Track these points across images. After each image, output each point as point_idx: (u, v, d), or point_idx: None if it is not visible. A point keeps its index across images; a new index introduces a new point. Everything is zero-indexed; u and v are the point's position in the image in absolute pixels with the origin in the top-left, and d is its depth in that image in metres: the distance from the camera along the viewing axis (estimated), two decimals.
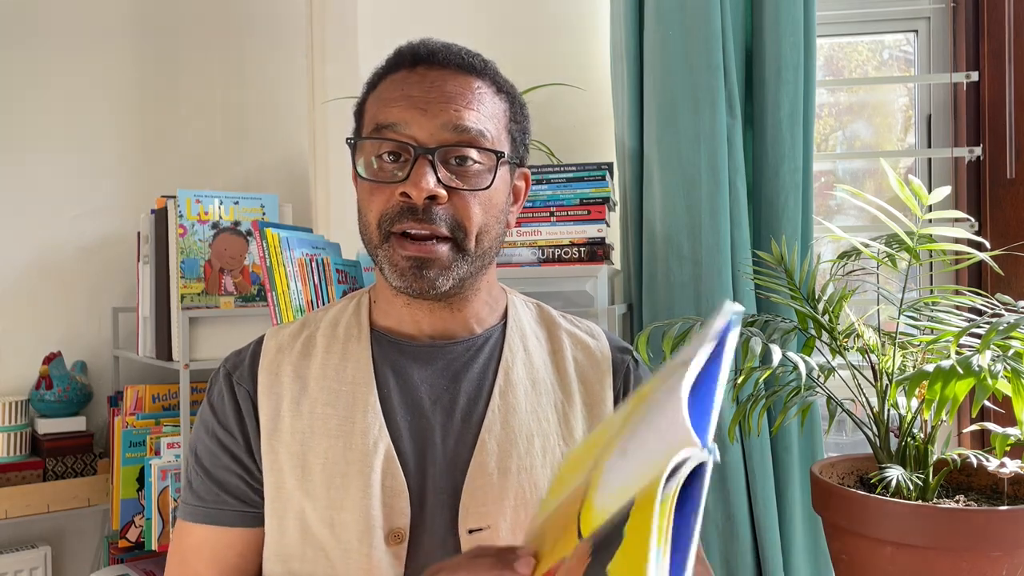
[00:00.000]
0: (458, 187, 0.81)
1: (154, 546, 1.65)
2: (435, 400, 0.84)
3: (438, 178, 0.80)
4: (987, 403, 0.85)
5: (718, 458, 0.52)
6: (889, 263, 1.03)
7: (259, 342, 0.90)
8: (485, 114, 0.83)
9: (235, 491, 0.84)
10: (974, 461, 0.95)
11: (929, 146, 1.61)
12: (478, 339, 0.88)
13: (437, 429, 0.83)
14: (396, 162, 0.82)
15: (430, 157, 0.80)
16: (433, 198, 0.80)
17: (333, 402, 0.83)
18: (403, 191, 0.80)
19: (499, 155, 0.83)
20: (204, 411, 0.88)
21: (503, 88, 0.88)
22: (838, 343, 1.05)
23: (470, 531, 0.80)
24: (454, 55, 0.85)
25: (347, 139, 0.86)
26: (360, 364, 0.85)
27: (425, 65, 0.84)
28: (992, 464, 0.93)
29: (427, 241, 0.81)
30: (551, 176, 1.46)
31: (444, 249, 0.81)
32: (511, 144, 0.87)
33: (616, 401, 0.90)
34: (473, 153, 0.82)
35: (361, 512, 0.79)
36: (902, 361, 1.00)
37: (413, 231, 0.80)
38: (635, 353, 0.96)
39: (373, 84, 0.88)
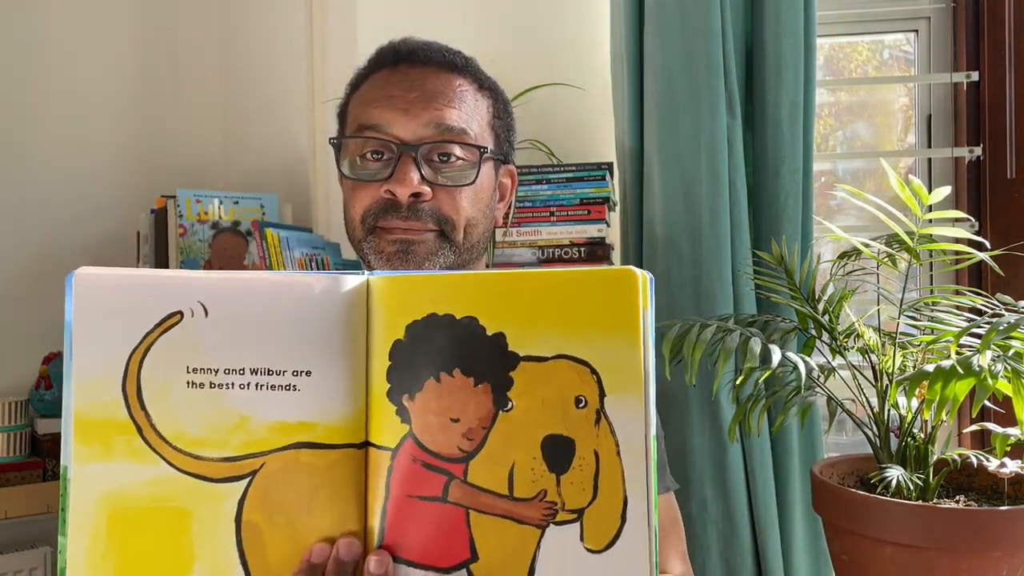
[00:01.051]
0: (442, 183, 0.81)
1: None
2: None
3: (422, 175, 0.80)
4: (987, 403, 0.85)
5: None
6: (889, 263, 1.03)
7: None
8: (467, 111, 0.84)
9: None
10: (974, 461, 0.95)
11: (929, 146, 1.61)
12: None
13: None
14: (379, 160, 0.82)
15: (413, 155, 0.80)
16: (417, 195, 0.80)
17: None
18: (388, 189, 0.80)
19: (482, 150, 0.83)
20: None
21: (485, 85, 0.88)
22: (838, 343, 1.05)
23: None
24: (435, 52, 0.85)
25: (330, 139, 0.87)
26: None
27: (406, 64, 0.84)
28: (992, 464, 0.93)
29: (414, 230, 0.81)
30: (551, 176, 1.45)
31: (430, 236, 0.81)
32: (495, 140, 0.87)
33: None
34: (456, 149, 0.82)
35: None
36: (902, 361, 1.00)
37: (399, 228, 0.81)
38: None
39: (355, 85, 0.89)
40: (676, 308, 1.40)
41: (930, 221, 0.98)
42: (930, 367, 0.87)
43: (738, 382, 1.02)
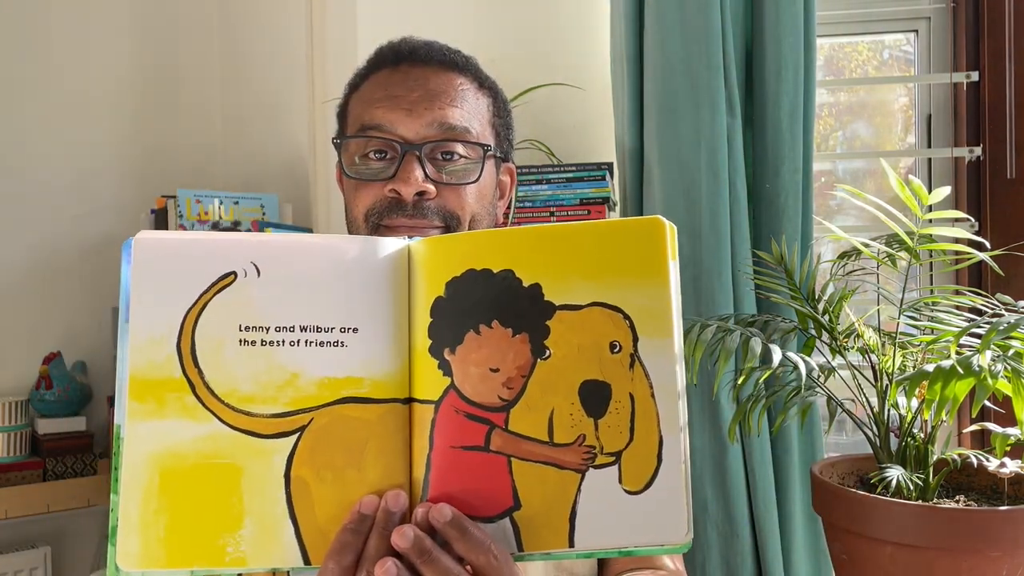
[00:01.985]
0: (446, 181, 0.82)
1: None
2: None
3: (426, 174, 0.80)
4: (987, 403, 0.85)
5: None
6: (889, 263, 1.03)
7: None
8: (469, 110, 0.84)
9: None
10: (974, 461, 0.95)
11: (929, 146, 1.61)
12: None
13: None
14: (383, 159, 0.82)
15: (417, 153, 0.80)
16: (422, 194, 0.80)
17: None
18: (392, 188, 0.80)
19: (486, 148, 0.83)
20: None
21: (485, 84, 0.88)
22: (838, 343, 1.05)
23: None
24: (436, 52, 0.85)
25: (333, 139, 0.87)
26: None
27: (407, 63, 0.84)
28: (992, 464, 0.93)
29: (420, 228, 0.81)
30: (551, 176, 1.45)
31: (436, 233, 0.81)
32: (495, 139, 0.88)
33: None
34: (459, 148, 0.82)
35: None
36: (902, 361, 1.00)
37: (405, 225, 0.81)
38: None
39: (355, 85, 0.89)
40: None
41: (930, 221, 0.98)
42: (930, 367, 0.87)
43: (739, 382, 1.02)
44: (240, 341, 0.54)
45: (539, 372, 0.55)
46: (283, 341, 0.54)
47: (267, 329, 0.54)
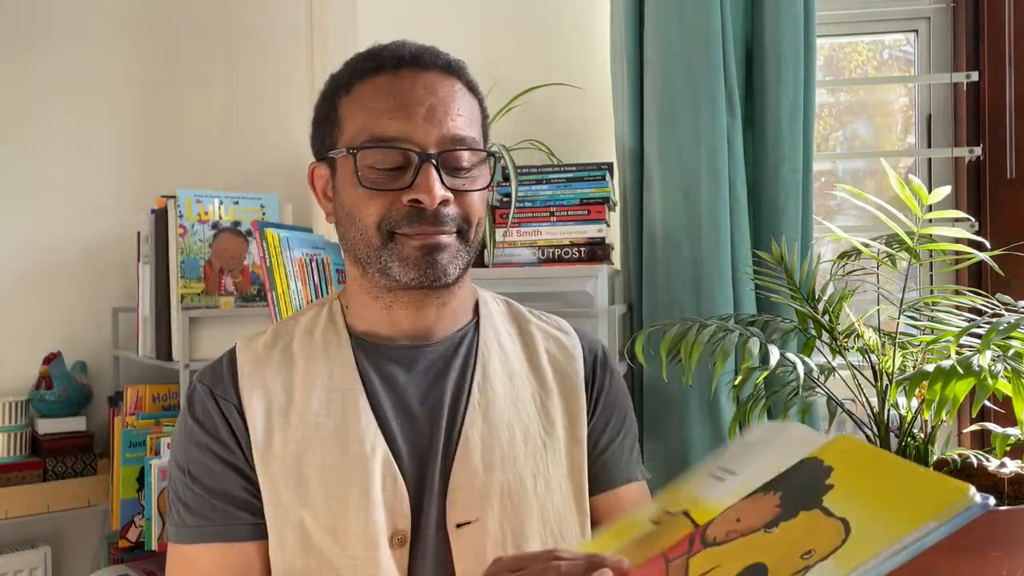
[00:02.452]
0: (462, 188, 0.82)
1: (154, 546, 1.65)
2: (422, 401, 0.84)
3: (443, 182, 0.80)
4: (987, 403, 0.85)
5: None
6: (889, 263, 1.03)
7: (232, 355, 0.88)
8: (469, 117, 0.85)
9: (243, 504, 0.82)
10: (974, 461, 0.95)
11: (929, 146, 1.61)
12: (455, 337, 0.88)
13: (426, 430, 0.83)
14: (396, 168, 0.81)
15: (435, 163, 0.80)
16: (443, 202, 0.80)
17: (323, 410, 0.82)
18: (413, 197, 0.79)
19: (491, 154, 0.85)
20: (190, 429, 0.84)
21: (474, 87, 0.89)
22: (838, 343, 1.05)
23: (458, 525, 0.80)
24: (434, 57, 0.85)
25: (349, 149, 0.81)
26: (345, 370, 0.85)
27: (408, 68, 0.83)
28: (992, 464, 0.93)
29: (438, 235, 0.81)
30: (551, 176, 1.45)
31: (452, 239, 0.82)
32: (484, 141, 0.88)
33: (589, 389, 0.91)
34: (467, 155, 0.83)
35: (365, 517, 0.78)
36: (902, 361, 1.00)
37: (426, 232, 0.81)
38: (603, 344, 0.97)
39: (346, 87, 0.85)
40: (676, 308, 1.40)
41: (930, 221, 0.98)
42: (930, 367, 0.87)
43: (736, 382, 1.02)
44: (709, 473, 0.69)
45: (751, 538, 0.56)
46: (718, 476, 0.67)
47: (723, 469, 0.68)
